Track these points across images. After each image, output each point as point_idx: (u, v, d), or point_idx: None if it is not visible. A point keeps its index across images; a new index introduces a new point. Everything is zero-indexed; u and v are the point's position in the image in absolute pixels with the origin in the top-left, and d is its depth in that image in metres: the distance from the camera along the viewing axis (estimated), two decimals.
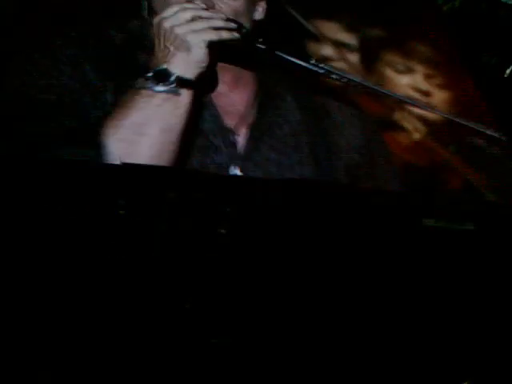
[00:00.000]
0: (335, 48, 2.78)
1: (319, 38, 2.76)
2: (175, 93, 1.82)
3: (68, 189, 1.50)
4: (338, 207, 1.68)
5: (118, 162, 1.74)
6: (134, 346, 1.51)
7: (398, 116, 2.73)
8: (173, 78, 1.80)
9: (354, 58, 2.81)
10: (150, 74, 1.81)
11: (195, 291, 1.53)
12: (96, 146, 1.80)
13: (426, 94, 2.82)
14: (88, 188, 1.50)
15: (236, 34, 1.85)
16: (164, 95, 1.81)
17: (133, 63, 1.91)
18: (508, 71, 2.36)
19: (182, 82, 1.82)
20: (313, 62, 1.95)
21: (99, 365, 1.51)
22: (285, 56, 1.91)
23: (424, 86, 2.83)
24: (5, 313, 1.51)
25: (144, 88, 1.81)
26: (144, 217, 1.50)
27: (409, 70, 2.81)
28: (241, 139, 2.00)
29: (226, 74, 1.98)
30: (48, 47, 1.93)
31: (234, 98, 2.02)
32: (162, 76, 1.81)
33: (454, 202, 1.89)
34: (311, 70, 1.98)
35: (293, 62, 1.94)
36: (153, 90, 1.81)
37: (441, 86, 2.80)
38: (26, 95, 1.88)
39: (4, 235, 1.49)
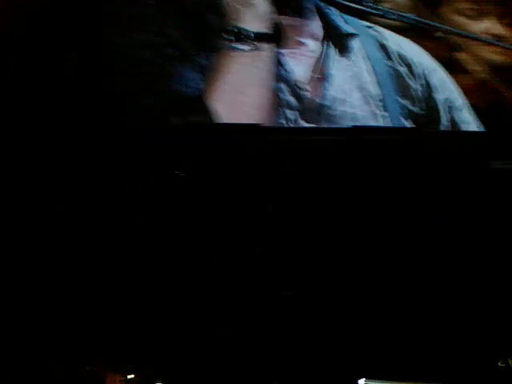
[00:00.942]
0: None
1: None
2: (256, 48, 1.88)
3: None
4: (402, 151, 1.68)
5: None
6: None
7: (462, 56, 2.68)
8: (251, 36, 1.87)
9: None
10: (229, 36, 1.89)
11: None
12: (205, 113, 1.88)
13: (497, 36, 2.75)
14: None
15: None
16: (250, 53, 1.87)
17: (209, 24, 2.00)
18: None
19: (257, 37, 1.88)
20: (369, 3, 1.94)
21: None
22: (343, 1, 1.93)
23: (495, 28, 2.76)
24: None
25: (230, 49, 1.88)
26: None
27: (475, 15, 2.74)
28: (311, 93, 2.05)
29: (292, 29, 2.05)
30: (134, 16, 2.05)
31: (302, 51, 2.07)
32: (239, 34, 1.88)
33: None
34: (368, 11, 1.96)
35: (349, 4, 1.93)
36: (238, 49, 1.88)
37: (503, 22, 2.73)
38: (130, 68, 1.92)
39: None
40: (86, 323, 1.66)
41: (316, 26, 2.11)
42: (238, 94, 1.90)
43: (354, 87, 2.09)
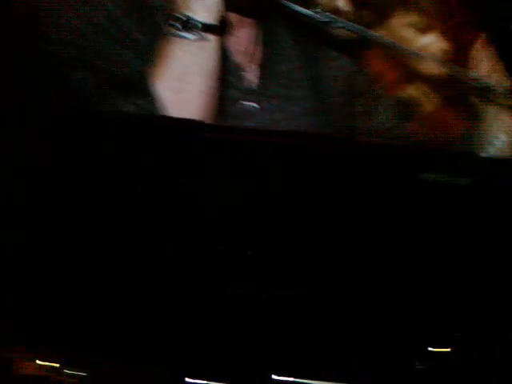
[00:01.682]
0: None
1: None
2: (202, 38, 1.95)
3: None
4: (338, 159, 1.68)
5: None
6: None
7: (400, 68, 2.73)
8: (199, 25, 1.94)
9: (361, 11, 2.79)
10: (176, 23, 1.96)
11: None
12: (146, 96, 1.93)
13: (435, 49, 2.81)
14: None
15: None
16: (193, 42, 1.94)
17: (157, 7, 2.07)
18: None
19: (204, 27, 1.95)
20: (318, 10, 2.00)
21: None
22: (289, 4, 1.98)
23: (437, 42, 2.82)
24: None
25: (175, 36, 1.95)
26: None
27: (419, 28, 2.79)
28: (251, 76, 2.19)
29: (233, 16, 2.16)
30: None
31: (240, 37, 2.20)
32: (188, 23, 1.95)
33: (452, 156, 1.89)
34: (315, 18, 2.01)
35: (297, 9, 1.98)
36: (184, 37, 1.94)
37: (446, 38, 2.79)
38: (72, 45, 1.93)
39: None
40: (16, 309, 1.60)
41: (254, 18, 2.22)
42: (181, 81, 1.94)
43: (290, 68, 2.24)
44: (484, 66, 2.26)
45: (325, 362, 1.48)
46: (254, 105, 2.16)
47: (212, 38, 1.97)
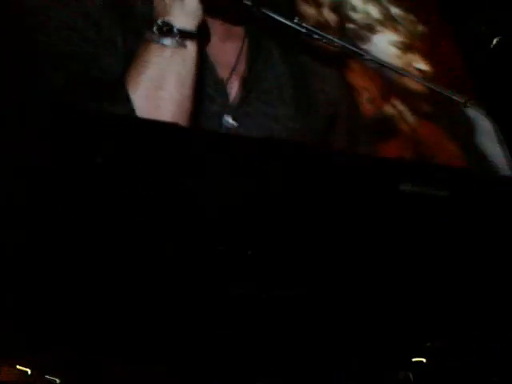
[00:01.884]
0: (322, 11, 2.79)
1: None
2: (182, 45, 1.94)
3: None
4: (316, 169, 1.68)
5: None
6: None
7: (375, 80, 2.74)
8: (176, 31, 1.93)
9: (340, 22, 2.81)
10: (154, 28, 1.94)
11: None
12: (121, 101, 1.90)
13: (405, 53, 2.83)
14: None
15: None
16: (172, 49, 1.93)
17: (139, 13, 2.05)
18: (494, 41, 2.37)
19: (184, 35, 1.94)
20: (296, 21, 2.00)
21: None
22: (270, 13, 1.98)
23: (409, 55, 2.84)
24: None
25: (153, 41, 1.94)
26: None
27: (396, 41, 2.82)
28: (233, 90, 2.13)
29: (217, 27, 2.12)
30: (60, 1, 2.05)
31: (225, 49, 2.15)
32: (166, 29, 1.93)
33: (429, 168, 1.89)
34: (294, 28, 2.01)
35: (277, 19, 1.97)
36: (161, 43, 1.93)
37: (426, 56, 2.82)
38: (47, 47, 1.91)
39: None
40: None
41: (239, 29, 2.16)
42: (156, 87, 1.92)
43: (273, 85, 2.17)
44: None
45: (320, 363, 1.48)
46: (233, 122, 2.09)
47: (190, 45, 1.95)
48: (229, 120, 2.09)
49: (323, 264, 1.56)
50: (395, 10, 2.98)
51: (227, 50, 2.15)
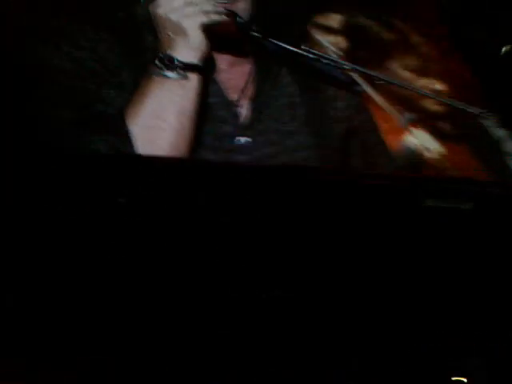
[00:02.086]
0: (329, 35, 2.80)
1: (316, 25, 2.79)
2: (183, 77, 1.99)
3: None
4: (337, 189, 1.67)
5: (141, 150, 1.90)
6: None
7: (387, 98, 2.74)
8: (178, 64, 1.98)
9: (345, 43, 2.83)
10: (157, 61, 1.99)
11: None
12: (120, 133, 1.96)
13: (418, 76, 2.83)
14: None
15: (228, 18, 2.03)
16: (174, 81, 1.98)
17: (144, 47, 2.08)
18: (503, 50, 2.36)
19: (186, 67, 1.99)
20: (304, 47, 2.02)
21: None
22: (277, 42, 2.10)
23: (416, 68, 2.84)
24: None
25: (155, 74, 1.98)
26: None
27: (399, 52, 2.82)
28: (243, 111, 2.17)
29: (224, 56, 2.16)
30: (64, 33, 2.08)
31: (233, 73, 2.19)
32: (168, 62, 1.99)
33: (451, 182, 1.88)
34: (302, 55, 2.03)
35: (285, 47, 1.99)
36: (163, 75, 1.98)
37: (433, 68, 2.82)
38: (49, 80, 1.93)
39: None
40: None
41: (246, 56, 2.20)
42: (157, 119, 1.96)
43: (284, 104, 2.20)
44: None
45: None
46: (248, 139, 2.14)
47: (193, 78, 1.99)
48: (241, 139, 2.13)
49: (349, 284, 1.54)
50: (405, 32, 2.99)
51: (236, 75, 2.19)
